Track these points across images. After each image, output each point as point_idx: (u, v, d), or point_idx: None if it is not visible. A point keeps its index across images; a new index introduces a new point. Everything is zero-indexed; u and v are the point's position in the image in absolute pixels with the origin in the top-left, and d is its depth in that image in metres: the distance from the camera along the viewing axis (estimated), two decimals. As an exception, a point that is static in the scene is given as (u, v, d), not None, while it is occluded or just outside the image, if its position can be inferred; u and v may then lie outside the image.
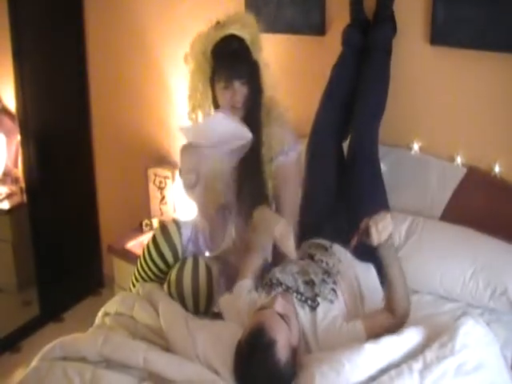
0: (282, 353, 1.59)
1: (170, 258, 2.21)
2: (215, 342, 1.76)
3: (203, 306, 2.13)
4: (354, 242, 1.86)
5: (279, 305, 1.73)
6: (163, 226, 2.26)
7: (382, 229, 1.77)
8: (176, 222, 2.27)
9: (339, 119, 2.41)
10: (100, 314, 2.09)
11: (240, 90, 2.04)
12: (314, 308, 1.85)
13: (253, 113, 2.09)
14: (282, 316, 1.69)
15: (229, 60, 2.02)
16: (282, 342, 1.61)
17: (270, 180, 2.16)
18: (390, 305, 1.84)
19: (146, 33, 3.11)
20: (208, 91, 2.12)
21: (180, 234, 2.23)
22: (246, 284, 2.03)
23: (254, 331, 1.64)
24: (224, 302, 2.03)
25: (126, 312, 1.99)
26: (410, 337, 1.71)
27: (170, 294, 2.13)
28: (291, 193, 2.24)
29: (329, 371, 1.60)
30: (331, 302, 1.90)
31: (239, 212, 2.24)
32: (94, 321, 2.11)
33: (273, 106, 2.16)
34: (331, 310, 1.86)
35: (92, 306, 2.39)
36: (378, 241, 1.77)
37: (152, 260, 2.23)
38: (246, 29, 2.06)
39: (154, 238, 2.24)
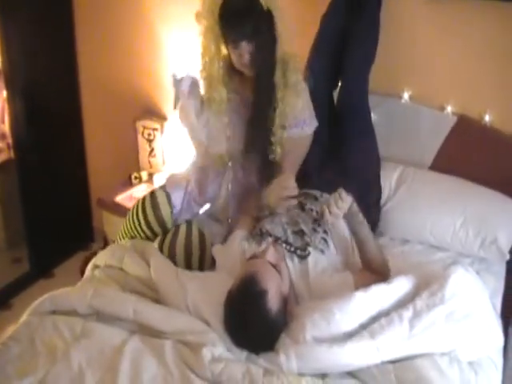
0: (273, 302, 1.60)
1: (157, 229, 2.19)
2: (205, 292, 1.76)
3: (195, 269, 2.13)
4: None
5: (271, 254, 1.73)
6: (153, 197, 2.21)
7: (339, 208, 1.83)
8: (166, 193, 2.22)
9: (330, 68, 2.37)
10: (89, 266, 2.08)
11: (246, 48, 1.97)
12: (303, 257, 1.85)
13: (264, 69, 2.03)
14: (273, 265, 1.69)
15: (232, 21, 1.94)
16: (274, 290, 1.61)
17: (278, 146, 2.13)
18: (368, 265, 1.88)
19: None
20: (220, 51, 2.05)
21: (170, 205, 2.20)
22: (239, 234, 2.03)
23: (245, 280, 1.63)
24: (216, 250, 2.03)
25: (116, 264, 1.98)
26: (400, 285, 1.72)
27: None
28: (295, 163, 2.22)
29: (320, 320, 1.61)
30: (322, 251, 1.90)
31: (242, 166, 2.23)
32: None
33: (289, 68, 2.08)
34: (322, 260, 1.87)
35: (82, 260, 2.38)
36: (335, 217, 1.85)
37: (140, 227, 2.20)
38: None
39: (143, 208, 2.19)
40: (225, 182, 2.29)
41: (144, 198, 2.23)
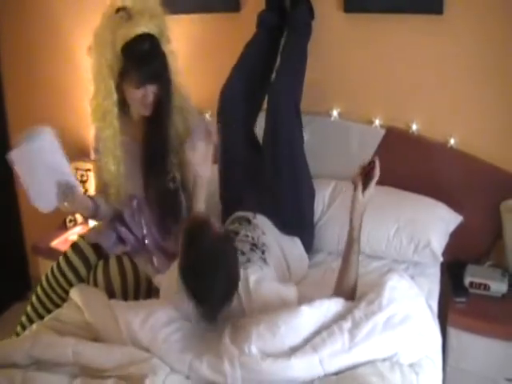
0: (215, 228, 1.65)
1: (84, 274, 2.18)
2: (143, 319, 1.74)
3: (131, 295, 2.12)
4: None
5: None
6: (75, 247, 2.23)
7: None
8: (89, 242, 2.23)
9: (248, 92, 2.38)
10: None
11: (151, 89, 1.99)
12: (245, 269, 1.85)
13: (163, 106, 2.05)
14: None
15: (140, 63, 1.95)
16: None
17: (178, 173, 2.14)
18: (339, 288, 1.84)
19: (58, 22, 3.00)
20: (113, 88, 2.03)
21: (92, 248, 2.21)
22: None
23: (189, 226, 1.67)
24: (160, 279, 2.00)
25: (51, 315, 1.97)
26: (340, 298, 1.74)
27: None
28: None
29: (265, 332, 1.62)
30: (261, 268, 1.92)
31: (149, 207, 2.20)
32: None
33: (176, 93, 2.11)
34: (261, 274, 1.88)
35: (20, 312, 2.28)
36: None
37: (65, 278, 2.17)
38: (154, 20, 1.97)
39: (68, 260, 2.20)
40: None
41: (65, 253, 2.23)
